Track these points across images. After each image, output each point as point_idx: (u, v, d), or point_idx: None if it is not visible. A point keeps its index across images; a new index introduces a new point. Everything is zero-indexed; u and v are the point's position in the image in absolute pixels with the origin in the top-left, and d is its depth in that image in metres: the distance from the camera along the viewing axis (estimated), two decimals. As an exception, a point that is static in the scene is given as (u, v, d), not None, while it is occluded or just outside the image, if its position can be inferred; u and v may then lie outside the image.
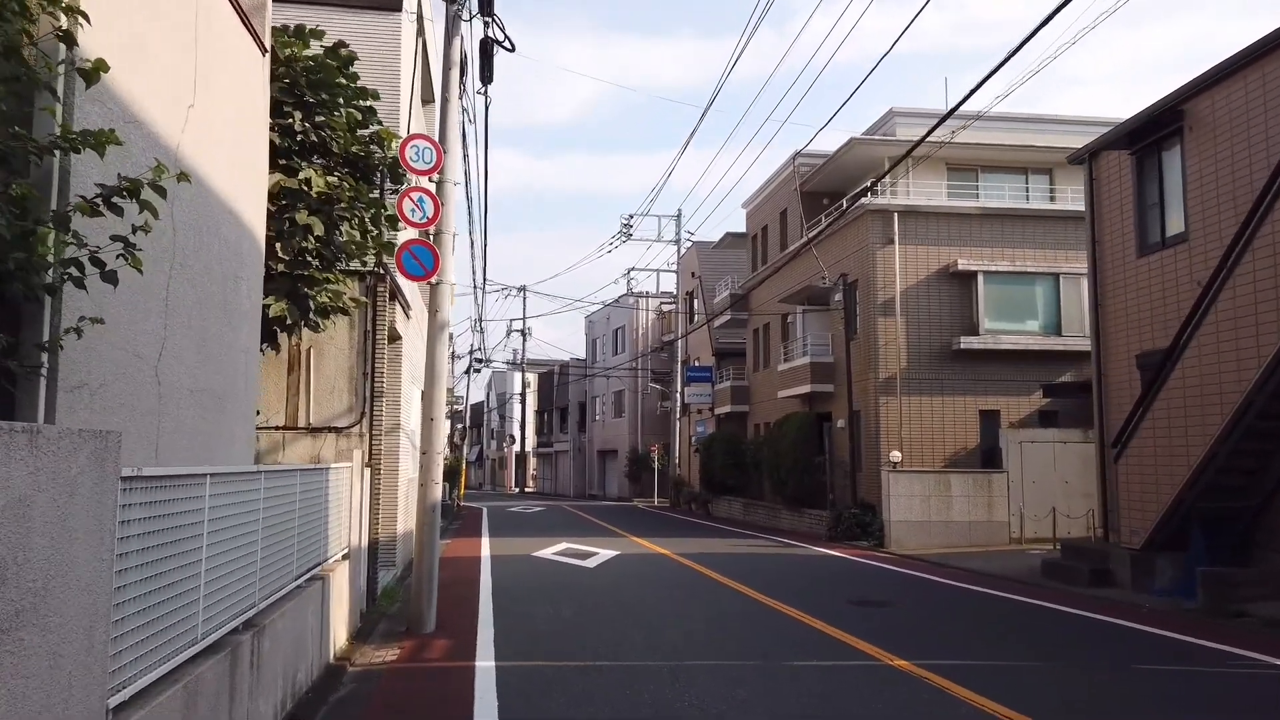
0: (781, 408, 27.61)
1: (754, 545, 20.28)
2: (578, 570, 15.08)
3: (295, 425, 11.13)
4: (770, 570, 15.36)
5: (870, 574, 15.14)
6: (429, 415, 9.70)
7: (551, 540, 20.57)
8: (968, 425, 22.03)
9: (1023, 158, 24.21)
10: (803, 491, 24.08)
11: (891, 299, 22.05)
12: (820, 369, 24.42)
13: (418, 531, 9.58)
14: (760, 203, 31.57)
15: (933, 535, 19.32)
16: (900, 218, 22.17)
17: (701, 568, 15.29)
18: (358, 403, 11.23)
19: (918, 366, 22.01)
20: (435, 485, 9.61)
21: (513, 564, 16.00)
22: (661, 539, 21.37)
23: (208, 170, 5.45)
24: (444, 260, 9.73)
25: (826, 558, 17.65)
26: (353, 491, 9.30)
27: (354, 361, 11.28)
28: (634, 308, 49.23)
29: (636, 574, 14.62)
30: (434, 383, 9.71)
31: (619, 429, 51.28)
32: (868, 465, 22.11)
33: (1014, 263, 22.31)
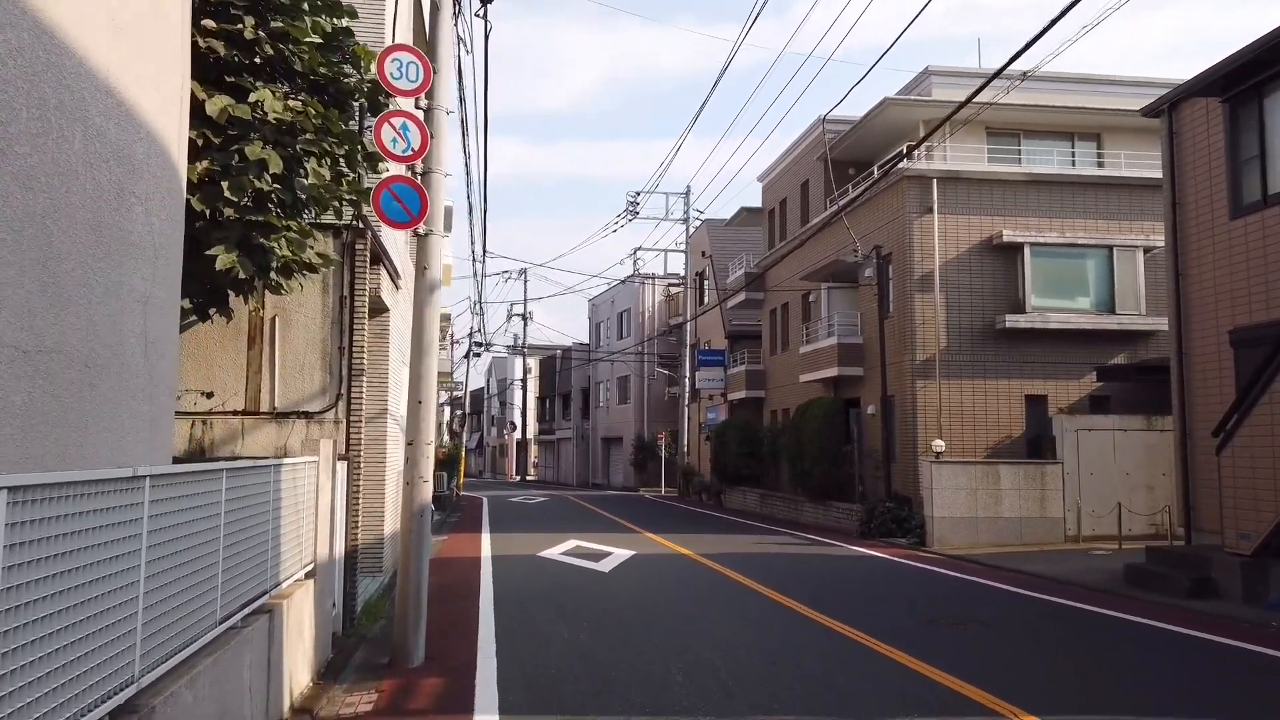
0: (803, 393, 25.75)
1: (781, 543, 18.46)
2: (591, 576, 13.26)
3: (257, 409, 9.27)
4: (810, 576, 13.53)
5: (924, 581, 13.31)
6: (416, 397, 7.85)
7: (558, 536, 18.76)
8: (1012, 411, 20.18)
9: (1069, 121, 22.26)
10: (829, 483, 22.25)
11: (930, 273, 20.16)
12: (848, 351, 22.54)
13: (403, 541, 7.74)
14: (778, 174, 29.62)
15: (980, 533, 17.50)
16: (940, 184, 20.25)
17: (731, 572, 13.47)
18: (333, 383, 9.37)
19: (958, 347, 20.14)
20: (424, 484, 7.76)
21: (517, 566, 14.19)
22: (678, 535, 19.55)
23: (59, 19, 3.57)
24: (433, 205, 7.86)
25: (867, 559, 15.82)
26: (321, 491, 7.45)
27: (328, 333, 9.41)
28: (640, 282, 47.31)
29: (659, 581, 12.79)
30: (422, 356, 7.86)
31: (624, 415, 49.47)
32: (903, 455, 20.27)
33: (1063, 234, 20.40)
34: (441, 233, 8.09)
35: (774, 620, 9.75)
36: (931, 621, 9.69)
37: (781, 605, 10.60)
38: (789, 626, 9.36)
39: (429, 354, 7.90)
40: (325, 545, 7.52)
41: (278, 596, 6.07)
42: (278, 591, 6.10)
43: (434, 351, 7.96)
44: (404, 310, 13.61)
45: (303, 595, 6.64)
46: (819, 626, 9.31)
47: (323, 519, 7.48)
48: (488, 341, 46.92)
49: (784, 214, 29.19)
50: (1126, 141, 22.18)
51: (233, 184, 7.07)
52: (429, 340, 7.90)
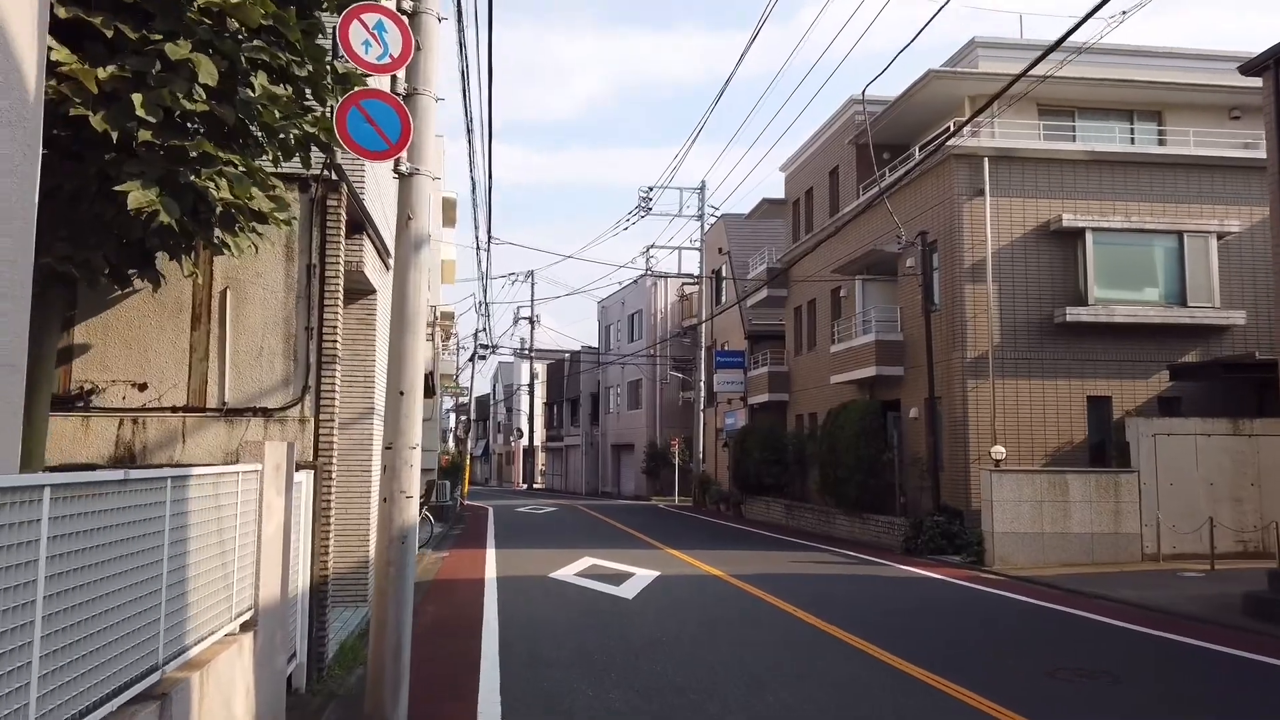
0: (833, 396, 23.81)
1: (821, 561, 16.51)
2: (614, 605, 11.33)
3: (202, 405, 7.40)
4: (873, 606, 11.58)
5: (1008, 612, 11.36)
6: (396, 385, 5.96)
7: (571, 553, 16.84)
8: (1073, 414, 18.22)
9: (1128, 97, 20.35)
10: (866, 494, 20.30)
11: (981, 262, 18.23)
12: (887, 349, 20.61)
13: (377, 578, 5.83)
14: (804, 163, 27.74)
15: (1047, 551, 15.53)
16: (991, 164, 18.33)
17: (778, 600, 11.53)
18: (298, 372, 7.49)
19: (1013, 344, 18.20)
20: (407, 501, 5.86)
21: (526, 592, 12.27)
22: (703, 552, 17.62)
23: None
24: (420, 134, 5.98)
25: (928, 583, 13.87)
26: (269, 510, 5.57)
27: (293, 311, 7.54)
28: (653, 282, 45.43)
29: (695, 613, 10.85)
30: (405, 331, 5.97)
31: (635, 421, 47.56)
32: (952, 463, 18.31)
33: (1128, 218, 18.46)
34: (432, 172, 6.19)
35: (860, 675, 7.81)
36: (1052, 673, 7.74)
37: (856, 650, 8.65)
38: (884, 687, 7.41)
39: (413, 330, 6.00)
40: (274, 582, 5.63)
41: (187, 667, 4.18)
42: (187, 660, 4.21)
43: (420, 327, 6.07)
44: (395, 294, 11.74)
45: (231, 658, 4.74)
46: (922, 686, 7.36)
47: (270, 547, 5.59)
48: (494, 344, 45.01)
49: (810, 204, 27.29)
50: (1192, 119, 20.26)
51: (148, 97, 5.22)
52: (413, 312, 6.01)
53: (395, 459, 5.91)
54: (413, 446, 5.99)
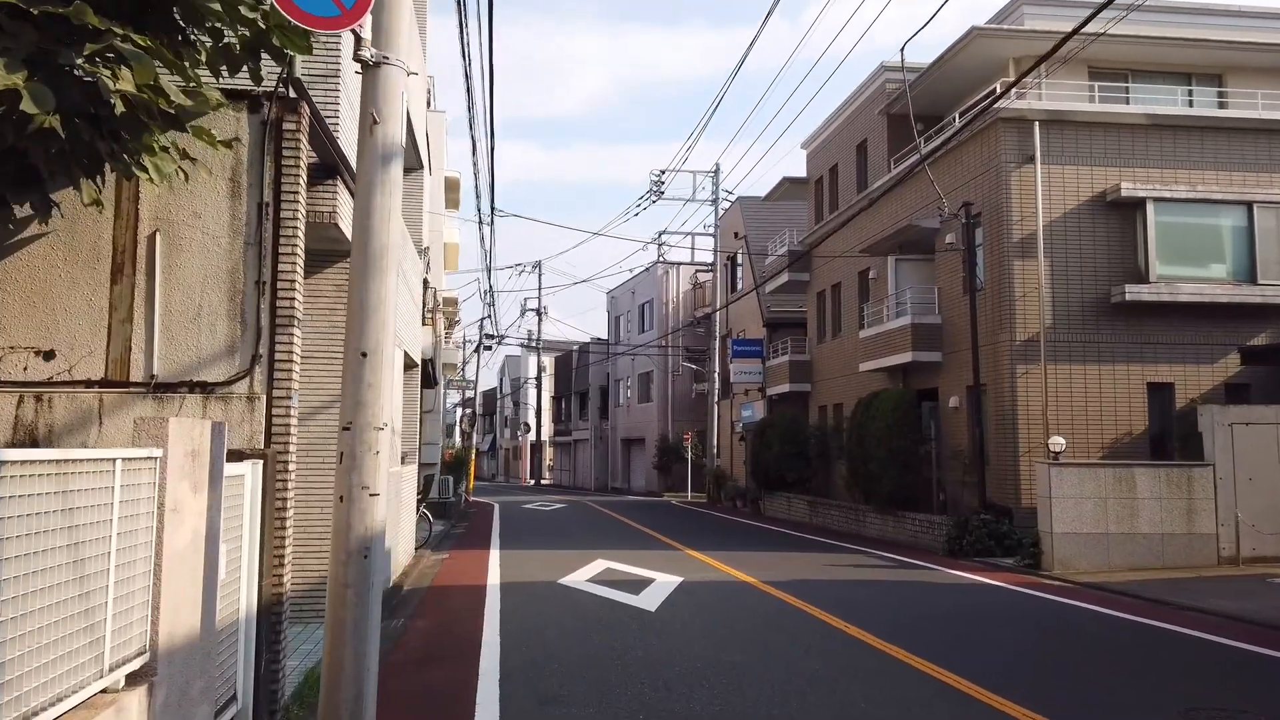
0: (861, 385, 22.24)
1: (860, 565, 14.95)
2: (635, 619, 9.79)
3: (124, 379, 5.88)
4: (934, 619, 10.03)
5: (1098, 628, 9.79)
6: (358, 345, 4.44)
7: (582, 555, 15.32)
8: (1132, 402, 16.62)
9: (1187, 58, 18.70)
10: (901, 490, 18.72)
11: (1031, 236, 16.63)
12: (924, 332, 19.02)
13: (332, 607, 4.29)
14: (828, 138, 26.12)
15: (1112, 553, 13.95)
16: (1043, 128, 16.72)
17: (827, 615, 9.97)
18: (247, 337, 5.97)
19: (1065, 326, 16.60)
20: (371, 502, 4.34)
21: (532, 602, 10.75)
22: (726, 553, 16.07)
23: None
24: (388, 6, 4.45)
25: (989, 591, 12.31)
26: (177, 513, 4.04)
27: (240, 261, 6.01)
28: (664, 270, 43.86)
29: (731, 630, 9.31)
30: (369, 269, 4.45)
31: (646, 415, 46.03)
32: (999, 456, 16.73)
33: (1193, 187, 16.84)
34: (406, 64, 4.65)
35: (946, 714, 6.27)
36: (1190, 713, 6.18)
37: (943, 684, 7.09)
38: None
39: (378, 269, 4.47)
40: (187, 612, 4.11)
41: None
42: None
43: (388, 267, 4.53)
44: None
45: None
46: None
47: (180, 565, 4.06)
48: (500, 334, 43.47)
49: (835, 182, 25.68)
50: (1256, 81, 18.59)
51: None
52: (379, 247, 4.48)
53: (355, 443, 4.38)
54: (379, 427, 4.46)
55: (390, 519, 11.93)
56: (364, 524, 4.33)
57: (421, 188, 16.27)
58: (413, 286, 14.33)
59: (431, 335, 20.75)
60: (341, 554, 4.31)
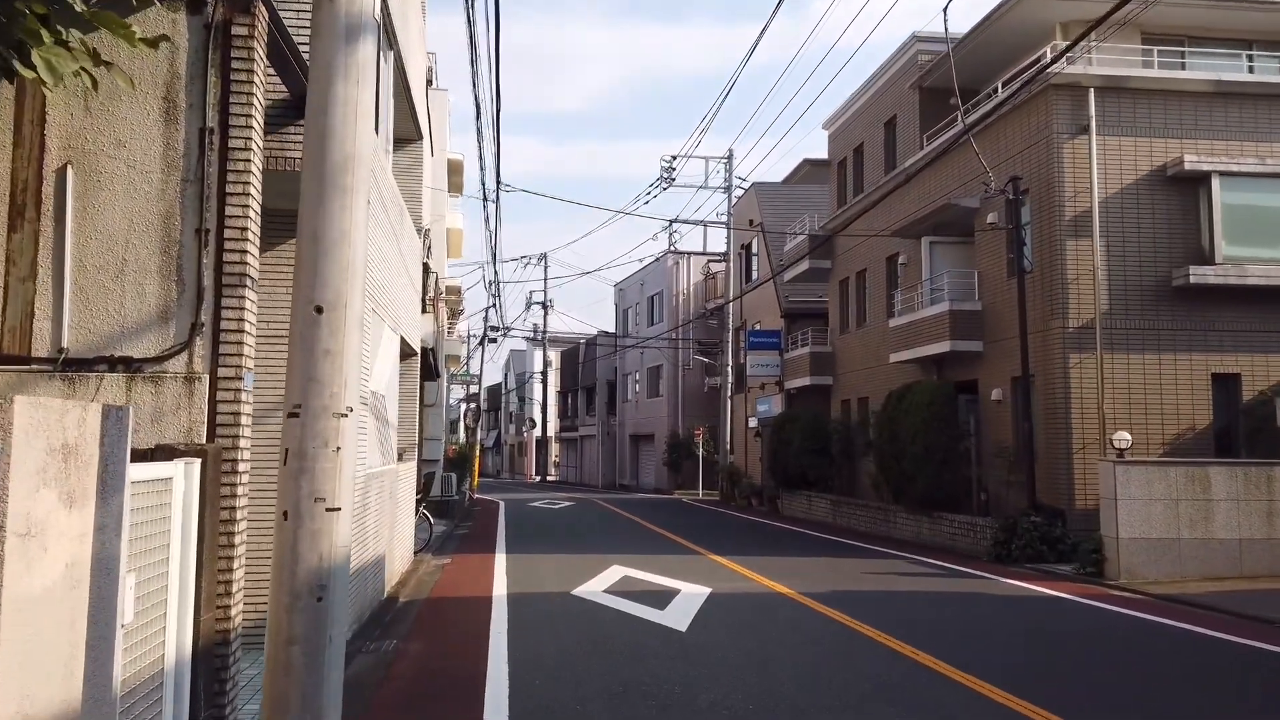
0: (890, 377, 20.87)
1: (902, 573, 13.59)
2: (664, 643, 8.46)
3: (25, 353, 4.56)
4: (1013, 641, 8.68)
5: (1202, 653, 8.44)
6: (308, 295, 3.12)
7: (597, 561, 14.01)
8: (1195, 394, 15.24)
9: (1250, 24, 17.27)
10: (937, 489, 17.35)
11: (1085, 213, 15.25)
12: (963, 320, 17.64)
13: (271, 674, 2.98)
14: (852, 116, 24.73)
15: (1184, 560, 12.59)
16: (1098, 96, 15.34)
17: (884, 636, 8.63)
18: (184, 301, 4.65)
19: (1122, 311, 15.23)
20: (329, 520, 3.02)
21: (546, 619, 9.43)
22: (752, 559, 14.74)
23: None
24: None
25: (1058, 606, 10.95)
26: (24, 548, 2.71)
27: (177, 203, 4.69)
28: (675, 261, 42.49)
29: (778, 657, 7.98)
30: (325, 186, 3.14)
31: (655, 410, 44.68)
32: (1049, 453, 15.36)
33: (1263, 160, 15.45)
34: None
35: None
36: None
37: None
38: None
39: (338, 188, 3.15)
40: (60, 681, 2.78)
41: None
42: None
43: (354, 186, 3.21)
44: (374, 214, 8.88)
45: None
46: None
47: (38, 615, 2.73)
48: (505, 325, 42.12)
49: (860, 163, 24.29)
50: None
51: None
52: (341, 157, 3.17)
53: (305, 435, 3.06)
54: (341, 413, 3.13)
55: (385, 523, 10.63)
56: (318, 551, 3.01)
57: (421, 162, 14.94)
58: (410, 266, 13.01)
59: (433, 324, 19.45)
60: (284, 595, 2.98)
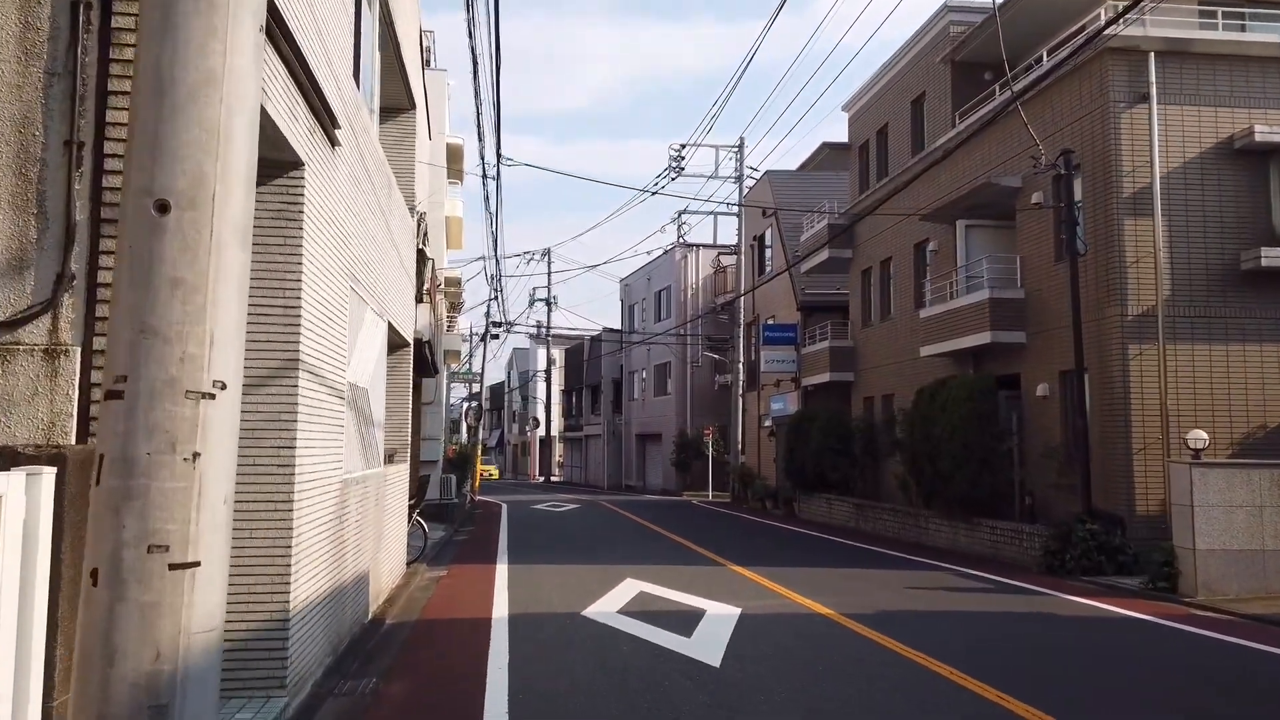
0: (919, 373, 19.52)
1: (950, 588, 12.20)
2: (695, 678, 7.08)
3: None
4: (1118, 680, 7.28)
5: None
6: (144, 183, 1.77)
7: (608, 573, 12.65)
8: (1267, 388, 13.86)
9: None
10: (977, 493, 15.97)
11: (1144, 190, 13.87)
12: (1004, 309, 16.26)
13: None
14: (876, 95, 23.34)
15: (1271, 574, 11.19)
16: (1159, 61, 13.96)
17: (955, 673, 7.24)
18: (46, 242, 3.28)
19: (1187, 297, 13.86)
20: (171, 582, 1.66)
21: (554, 649, 8.07)
22: (778, 570, 13.36)
23: None
24: None
25: (1143, 629, 9.55)
26: None
27: (36, 102, 3.32)
28: (683, 255, 41.14)
29: (838, 702, 6.59)
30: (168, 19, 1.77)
31: (663, 409, 43.33)
32: (1105, 454, 13.97)
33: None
34: None
35: None
36: None
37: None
38: None
39: (199, 3, 1.79)
40: None
41: None
42: None
43: (234, 30, 1.85)
44: (347, 161, 7.51)
45: None
46: None
47: None
48: (507, 320, 40.80)
49: (883, 146, 22.91)
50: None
51: None
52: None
53: (129, 430, 1.68)
54: (205, 391, 1.76)
55: (369, 535, 9.28)
56: (152, 641, 1.65)
57: (414, 136, 13.58)
58: (400, 246, 11.66)
59: (429, 315, 18.09)
60: (86, 716, 1.62)
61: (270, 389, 5.97)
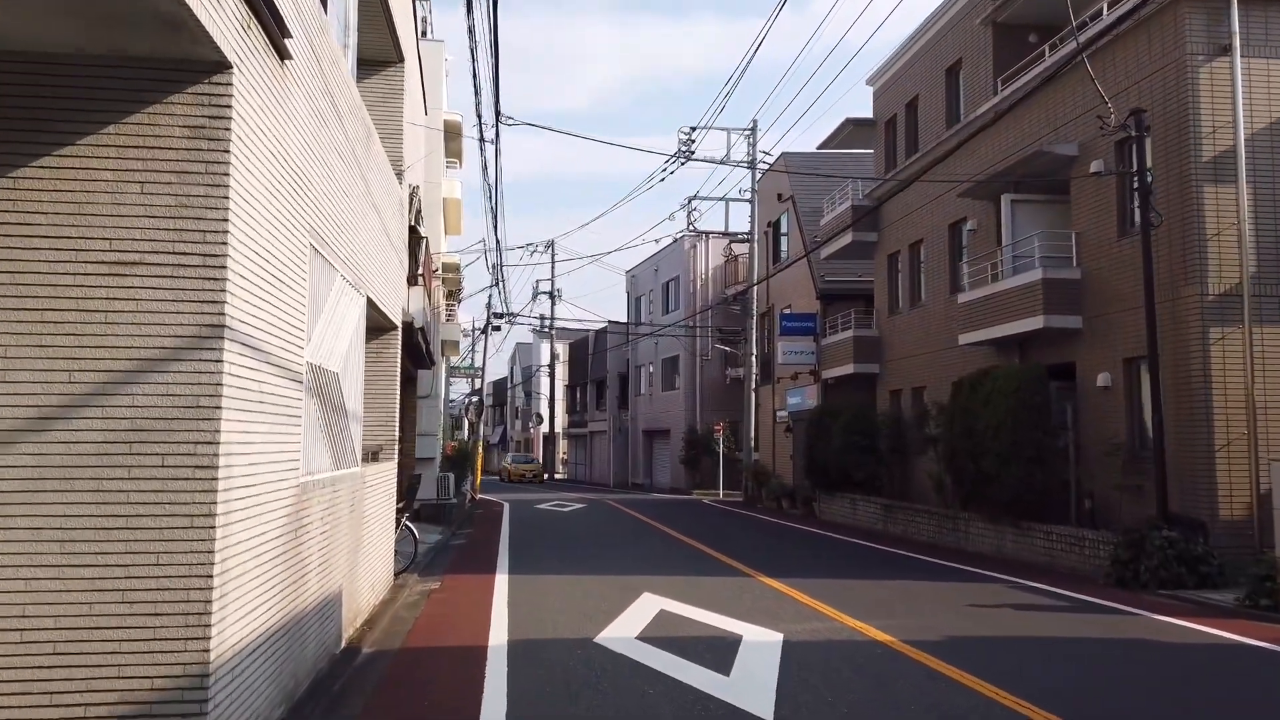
0: (954, 363, 17.97)
1: (1023, 606, 10.60)
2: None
3: None
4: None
5: None
6: None
7: (622, 585, 11.13)
8: (1364, 379, 12.29)
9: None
10: (1028, 494, 14.39)
11: (1228, 154, 12.29)
12: (1060, 291, 14.68)
13: None
14: (904, 67, 21.75)
15: (1394, 592, 9.64)
16: (1242, 8, 12.36)
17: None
18: None
19: (1275, 274, 12.29)
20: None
21: (562, 690, 6.53)
22: (814, 582, 11.82)
23: None
24: None
25: (1271, 660, 8.00)
26: None
27: None
28: (693, 244, 39.58)
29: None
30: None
31: (671, 404, 41.81)
32: (1182, 451, 12.40)
33: None
34: None
35: None
36: None
37: None
38: None
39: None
40: None
41: None
42: None
43: None
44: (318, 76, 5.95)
45: None
46: None
47: None
48: (510, 312, 39.24)
49: (913, 120, 21.33)
50: None
51: None
52: None
53: None
54: None
55: (341, 548, 7.75)
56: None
57: (401, 92, 12.03)
58: (384, 211, 10.12)
59: (425, 300, 16.59)
60: None
61: (181, 366, 4.44)
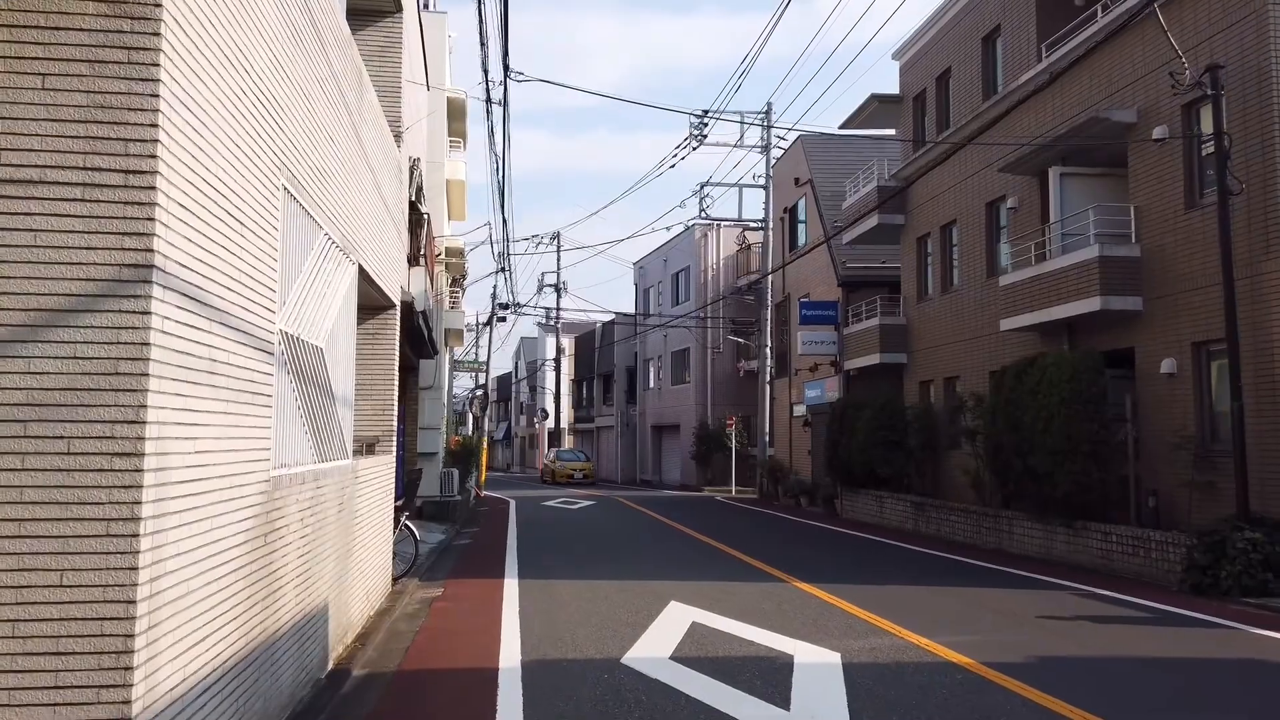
0: (993, 351, 16.79)
1: (1096, 616, 9.41)
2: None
3: None
4: None
5: None
6: None
7: (645, 592, 9.97)
8: None
9: None
10: (1085, 491, 13.21)
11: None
12: (1118, 269, 13.48)
13: None
14: (934, 38, 20.52)
15: None
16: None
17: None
18: None
19: (1367, 247, 11.09)
20: None
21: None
22: (858, 590, 10.66)
23: None
24: None
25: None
26: None
27: None
28: (704, 233, 38.38)
29: None
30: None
31: (681, 398, 40.64)
32: (1263, 444, 11.21)
33: None
34: None
35: None
36: None
37: None
38: None
39: None
40: None
41: None
42: None
43: None
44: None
45: None
46: None
47: None
48: (515, 298, 38.05)
49: (944, 94, 20.12)
50: None
51: None
52: None
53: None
54: None
55: (328, 555, 6.59)
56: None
57: (399, 46, 10.86)
58: (377, 170, 8.97)
59: (427, 283, 15.46)
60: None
61: (94, 320, 3.29)
